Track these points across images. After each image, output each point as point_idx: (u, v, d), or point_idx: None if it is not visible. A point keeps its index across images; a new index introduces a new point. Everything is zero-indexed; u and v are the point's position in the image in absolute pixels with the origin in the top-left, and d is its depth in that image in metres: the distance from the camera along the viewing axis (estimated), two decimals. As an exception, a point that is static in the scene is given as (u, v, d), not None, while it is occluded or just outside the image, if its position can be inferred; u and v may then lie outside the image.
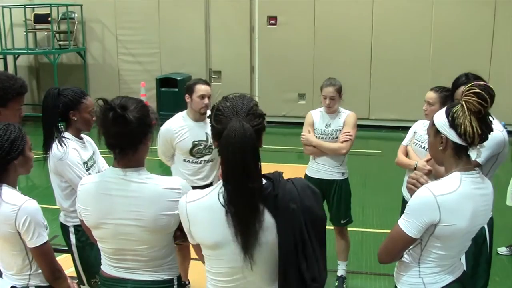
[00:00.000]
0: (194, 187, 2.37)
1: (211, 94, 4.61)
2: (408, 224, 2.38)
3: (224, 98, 2.15)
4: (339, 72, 11.31)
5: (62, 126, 3.57)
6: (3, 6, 12.49)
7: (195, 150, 4.58)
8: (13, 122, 2.87)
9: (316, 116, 4.87)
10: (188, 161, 4.62)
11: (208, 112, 4.73)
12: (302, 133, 4.88)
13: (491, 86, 2.38)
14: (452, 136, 2.39)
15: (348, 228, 5.08)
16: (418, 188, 2.48)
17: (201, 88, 4.52)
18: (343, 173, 4.84)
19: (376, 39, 11.60)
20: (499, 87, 3.61)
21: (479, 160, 3.28)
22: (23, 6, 12.35)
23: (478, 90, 2.33)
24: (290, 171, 5.08)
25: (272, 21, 12.04)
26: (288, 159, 9.15)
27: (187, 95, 4.58)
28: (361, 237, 6.02)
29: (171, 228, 2.40)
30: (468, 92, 2.35)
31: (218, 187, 2.09)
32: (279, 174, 2.11)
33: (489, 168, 3.47)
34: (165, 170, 4.85)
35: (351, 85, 11.48)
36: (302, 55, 11.86)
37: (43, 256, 2.65)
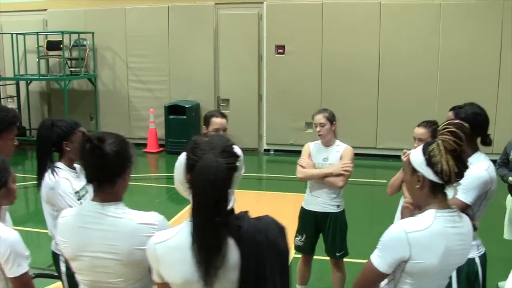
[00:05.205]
0: None
1: (227, 127, 4.63)
2: (379, 258, 2.40)
3: (203, 134, 2.24)
4: (347, 101, 11.46)
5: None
6: (17, 33, 12.75)
7: None
8: (5, 154, 2.93)
9: (313, 149, 4.89)
10: None
11: None
12: (300, 161, 4.88)
13: (466, 124, 2.40)
14: (429, 174, 2.40)
15: (350, 259, 5.05)
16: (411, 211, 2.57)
17: (216, 122, 4.58)
18: (338, 206, 4.82)
19: (383, 69, 11.63)
20: (506, 117, 3.63)
21: (467, 201, 3.29)
22: (36, 34, 12.60)
23: (454, 129, 2.35)
24: (295, 200, 5.09)
25: (280, 50, 12.10)
26: (294, 188, 9.13)
27: (204, 126, 4.65)
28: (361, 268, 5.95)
29: (146, 262, 2.40)
30: (444, 131, 2.38)
31: (186, 226, 2.12)
32: (245, 212, 2.16)
33: (478, 206, 3.45)
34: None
35: (359, 114, 11.57)
36: (309, 84, 11.90)
37: (22, 286, 2.68)
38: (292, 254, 5.75)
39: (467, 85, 10.83)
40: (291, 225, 5.04)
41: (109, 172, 2.40)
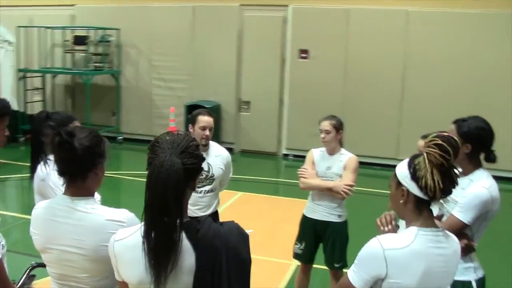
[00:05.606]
0: (192, 217, 2.25)
1: (213, 126, 4.60)
2: (354, 274, 2.27)
3: (167, 133, 2.15)
4: (369, 109, 11.29)
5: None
6: (45, 27, 12.93)
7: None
8: None
9: (317, 156, 4.78)
10: None
11: (212, 144, 4.69)
12: (301, 170, 4.77)
13: (455, 137, 2.25)
14: (413, 189, 2.27)
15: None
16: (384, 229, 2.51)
17: (203, 119, 4.53)
18: (339, 216, 4.70)
19: (408, 78, 11.40)
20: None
21: (465, 220, 3.12)
22: (63, 28, 12.71)
23: (441, 142, 2.20)
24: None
25: (303, 55, 12.00)
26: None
27: (190, 125, 4.58)
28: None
29: None
30: (430, 143, 2.24)
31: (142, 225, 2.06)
32: (209, 216, 2.08)
33: (478, 226, 3.24)
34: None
35: (381, 124, 11.38)
36: (332, 90, 11.75)
37: None
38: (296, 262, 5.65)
39: (496, 97, 10.58)
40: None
41: (78, 166, 2.37)
